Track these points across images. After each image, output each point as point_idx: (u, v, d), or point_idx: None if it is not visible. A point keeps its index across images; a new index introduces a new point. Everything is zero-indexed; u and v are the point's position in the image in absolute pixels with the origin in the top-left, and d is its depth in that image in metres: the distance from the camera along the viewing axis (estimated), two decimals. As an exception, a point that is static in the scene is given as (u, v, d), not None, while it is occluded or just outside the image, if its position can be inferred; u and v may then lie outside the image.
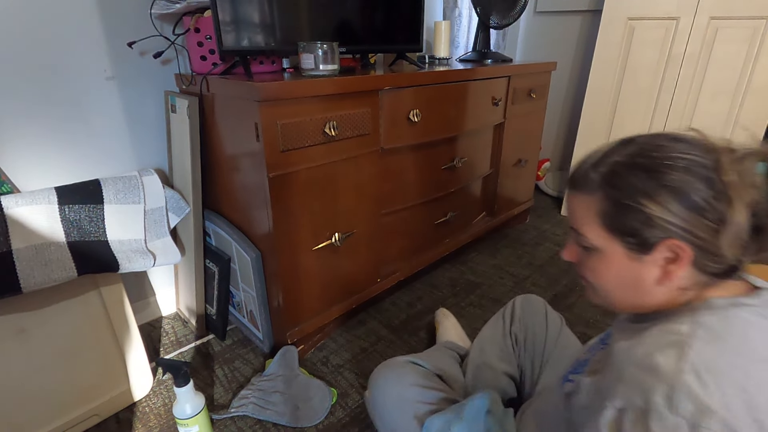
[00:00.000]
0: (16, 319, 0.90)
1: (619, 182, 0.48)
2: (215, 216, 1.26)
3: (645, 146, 0.48)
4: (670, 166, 0.45)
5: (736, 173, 0.43)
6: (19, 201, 0.89)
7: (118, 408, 1.08)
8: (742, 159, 0.44)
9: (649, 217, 0.46)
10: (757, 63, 1.68)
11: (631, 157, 0.48)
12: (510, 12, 1.72)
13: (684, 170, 0.45)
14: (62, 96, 1.09)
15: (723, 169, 0.44)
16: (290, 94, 0.96)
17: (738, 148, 0.46)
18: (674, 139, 0.48)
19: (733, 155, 0.45)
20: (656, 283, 0.49)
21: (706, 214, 0.44)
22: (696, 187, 0.44)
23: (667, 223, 0.46)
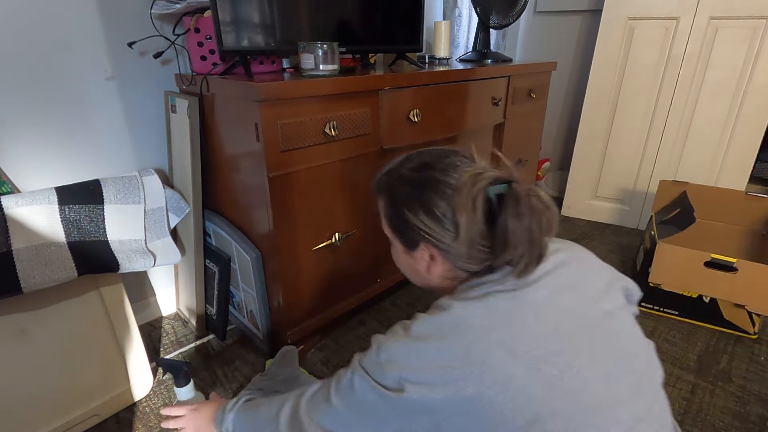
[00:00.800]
0: (16, 319, 0.90)
1: (394, 193, 0.62)
2: (215, 216, 1.26)
3: (416, 165, 0.61)
4: (427, 185, 0.58)
5: (463, 200, 0.54)
6: (19, 201, 0.89)
7: (119, 408, 1.08)
8: (475, 182, 0.54)
9: (409, 223, 0.59)
10: (757, 63, 1.68)
11: (405, 173, 0.61)
12: (510, 12, 1.72)
13: (434, 190, 0.57)
14: (62, 96, 1.09)
15: (458, 191, 0.55)
16: (290, 94, 0.96)
17: (484, 173, 0.56)
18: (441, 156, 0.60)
19: (472, 176, 0.55)
20: (426, 273, 0.63)
21: (444, 224, 0.56)
22: (438, 204, 0.56)
23: (420, 230, 0.58)
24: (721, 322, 1.39)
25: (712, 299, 1.37)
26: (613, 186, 2.12)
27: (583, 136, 2.11)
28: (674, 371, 1.22)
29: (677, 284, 1.40)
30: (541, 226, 0.53)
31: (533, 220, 0.52)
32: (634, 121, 1.97)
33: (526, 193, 0.53)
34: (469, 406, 0.48)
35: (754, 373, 1.22)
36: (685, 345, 1.33)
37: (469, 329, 0.50)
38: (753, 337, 1.36)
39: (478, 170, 0.56)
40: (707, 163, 1.89)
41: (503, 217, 0.52)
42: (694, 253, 1.33)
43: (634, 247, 1.93)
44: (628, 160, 2.04)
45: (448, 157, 0.59)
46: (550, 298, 0.54)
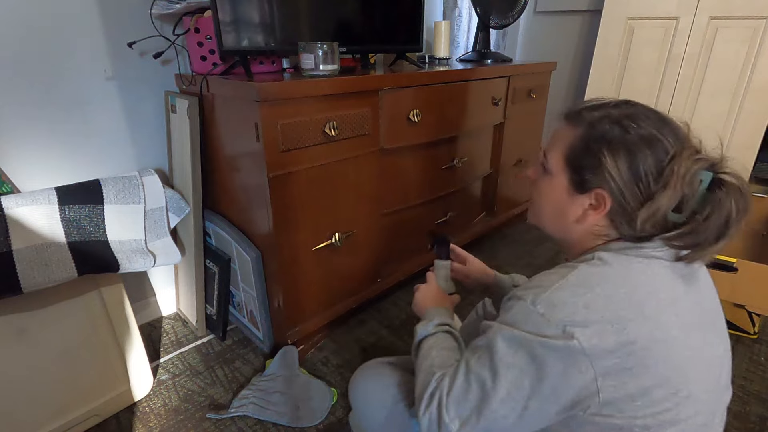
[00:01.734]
0: (16, 319, 0.90)
1: (599, 129, 0.56)
2: (215, 216, 1.26)
3: (637, 114, 0.55)
4: (641, 137, 0.53)
5: (682, 168, 0.50)
6: (20, 201, 0.89)
7: (119, 408, 1.08)
8: (695, 161, 0.51)
9: (600, 165, 0.54)
10: (757, 63, 1.68)
11: (622, 116, 0.55)
12: (510, 12, 1.72)
13: (648, 145, 0.52)
14: (62, 96, 1.09)
15: (675, 160, 0.51)
16: (290, 94, 0.96)
17: (700, 151, 0.53)
18: (663, 121, 0.55)
19: (690, 154, 0.52)
20: (575, 221, 0.59)
21: (641, 184, 0.52)
22: (648, 162, 0.52)
23: (609, 176, 0.54)
24: (721, 322, 1.38)
25: (712, 299, 1.37)
26: (613, 186, 2.12)
27: (583, 136, 2.10)
28: (674, 371, 1.22)
29: (677, 284, 1.40)
30: (741, 223, 0.51)
31: (741, 217, 0.51)
32: (634, 121, 1.97)
33: (745, 186, 0.51)
34: (635, 362, 0.47)
35: (754, 373, 1.22)
36: (685, 345, 1.33)
37: (640, 285, 0.50)
38: (753, 337, 1.36)
39: (695, 146, 0.54)
40: (707, 163, 1.88)
41: (725, 209, 0.50)
42: (694, 253, 1.33)
43: (634, 247, 1.92)
44: (628, 160, 2.04)
45: (668, 124, 0.55)
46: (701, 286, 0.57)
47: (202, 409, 1.09)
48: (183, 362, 1.24)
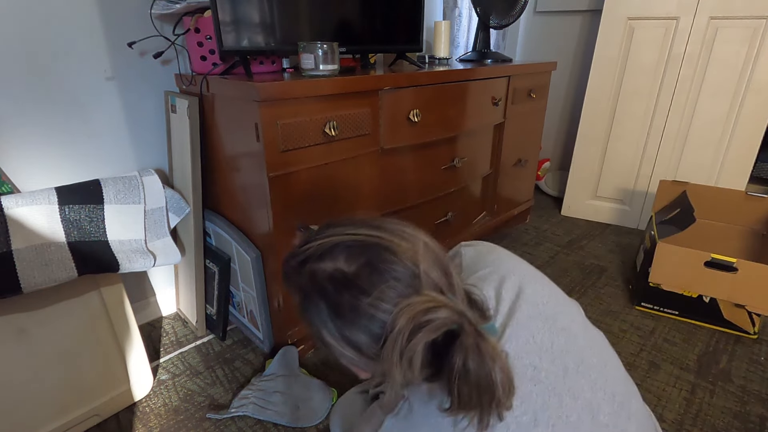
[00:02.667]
0: (16, 319, 0.90)
1: (308, 301, 0.48)
2: (215, 216, 1.26)
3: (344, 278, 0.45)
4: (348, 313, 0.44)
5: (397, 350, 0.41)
6: (19, 201, 0.89)
7: (119, 408, 1.08)
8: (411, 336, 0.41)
9: (328, 343, 0.48)
10: (757, 63, 1.68)
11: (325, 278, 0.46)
12: (510, 12, 1.72)
13: (356, 325, 0.44)
14: (62, 96, 1.09)
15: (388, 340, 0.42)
16: (290, 94, 0.96)
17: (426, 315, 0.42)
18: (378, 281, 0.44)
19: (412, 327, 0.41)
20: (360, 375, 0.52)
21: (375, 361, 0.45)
22: (364, 342, 0.45)
23: (342, 354, 0.47)
24: (721, 322, 1.39)
25: (712, 299, 1.37)
26: (613, 186, 2.12)
27: (583, 136, 2.11)
28: (674, 371, 1.22)
29: (677, 284, 1.40)
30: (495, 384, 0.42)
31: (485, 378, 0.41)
32: (634, 121, 1.97)
33: (476, 343, 0.41)
34: None
35: (754, 373, 1.22)
36: (685, 345, 1.33)
37: None
38: (753, 337, 1.36)
39: (420, 306, 0.42)
40: (707, 163, 1.89)
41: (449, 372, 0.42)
42: (694, 253, 1.33)
43: (634, 247, 1.93)
44: (628, 160, 2.04)
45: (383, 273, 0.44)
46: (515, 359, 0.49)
47: (202, 409, 1.09)
48: (183, 362, 1.24)
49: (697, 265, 1.34)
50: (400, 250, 0.46)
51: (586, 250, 1.91)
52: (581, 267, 1.77)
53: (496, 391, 0.42)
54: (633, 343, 1.33)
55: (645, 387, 1.17)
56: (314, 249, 0.48)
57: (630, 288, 1.62)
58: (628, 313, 1.48)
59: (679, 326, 1.41)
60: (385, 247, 0.46)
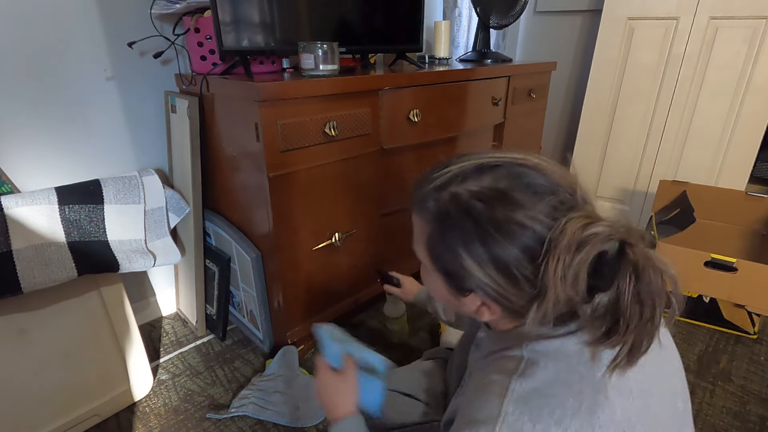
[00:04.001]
0: (16, 319, 0.90)
1: (449, 224, 0.44)
2: (215, 216, 1.26)
3: (497, 188, 0.43)
4: (502, 227, 0.41)
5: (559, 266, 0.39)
6: (19, 201, 0.89)
7: (119, 408, 1.08)
8: (580, 247, 0.39)
9: (466, 270, 0.44)
10: (757, 63, 1.68)
11: (475, 196, 0.43)
12: (510, 12, 1.72)
13: (512, 240, 0.41)
14: (62, 96, 1.09)
15: (553, 252, 0.39)
16: (290, 94, 0.96)
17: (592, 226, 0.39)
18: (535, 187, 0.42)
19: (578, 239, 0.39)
20: (475, 314, 0.49)
21: (521, 285, 0.42)
22: (519, 261, 0.41)
23: (481, 281, 0.44)
24: (721, 322, 1.38)
25: (712, 299, 1.37)
26: (613, 186, 2.12)
27: (583, 136, 2.11)
28: (674, 371, 1.22)
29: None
30: (660, 310, 0.40)
31: (654, 300, 0.39)
32: (634, 121, 1.97)
33: (645, 260, 0.39)
34: None
35: (754, 373, 1.22)
36: (685, 345, 1.33)
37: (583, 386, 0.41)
38: (753, 337, 1.36)
39: (582, 220, 0.40)
40: (707, 163, 1.88)
41: (615, 292, 0.39)
42: (694, 253, 1.33)
43: (634, 247, 1.92)
44: (628, 160, 2.04)
45: (534, 187, 0.42)
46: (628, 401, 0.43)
47: (202, 409, 1.09)
48: (183, 362, 1.24)
49: (697, 265, 1.34)
50: (549, 170, 0.44)
51: (586, 250, 1.91)
52: (581, 267, 1.76)
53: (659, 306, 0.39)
54: (633, 343, 1.33)
55: (645, 387, 1.17)
56: (455, 172, 0.45)
57: (630, 288, 1.62)
58: (628, 313, 1.48)
59: (679, 326, 1.41)
60: (533, 166, 0.43)
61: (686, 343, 1.33)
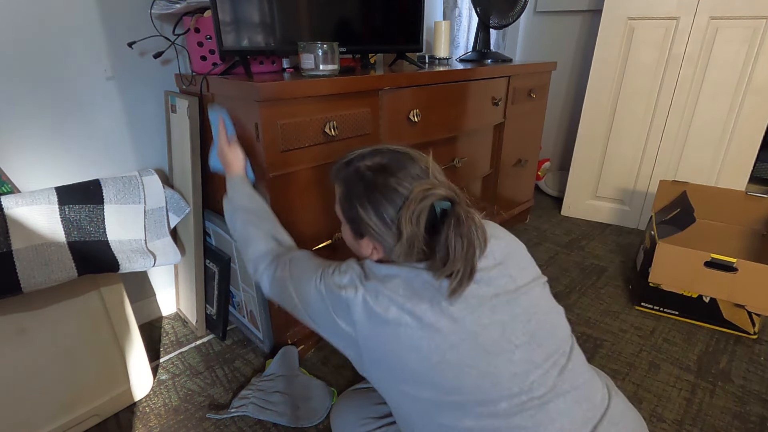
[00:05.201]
0: (16, 319, 0.90)
1: (351, 187, 0.67)
2: (215, 216, 1.26)
3: (381, 165, 0.65)
4: (381, 190, 0.63)
5: (410, 213, 0.59)
6: (19, 201, 0.89)
7: (119, 408, 1.08)
8: (421, 202, 0.59)
9: (359, 217, 0.66)
10: (757, 63, 1.68)
11: (366, 173, 0.65)
12: (510, 12, 1.72)
13: (386, 197, 0.63)
14: (62, 96, 1.09)
15: (407, 204, 0.60)
16: (290, 94, 0.96)
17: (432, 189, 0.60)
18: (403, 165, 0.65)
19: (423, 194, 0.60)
20: (369, 256, 0.70)
21: (390, 228, 0.63)
22: (388, 210, 0.63)
23: (368, 226, 0.65)
24: (721, 322, 1.39)
25: (712, 299, 1.37)
26: (613, 186, 2.12)
27: (583, 136, 2.11)
28: (674, 371, 1.22)
29: (677, 284, 1.40)
30: (477, 245, 0.59)
31: (471, 239, 0.58)
32: (634, 121, 1.97)
33: (466, 215, 0.59)
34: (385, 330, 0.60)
35: (754, 373, 1.22)
36: (685, 345, 1.33)
37: None
38: (753, 337, 1.36)
39: (427, 185, 0.61)
40: (707, 163, 1.89)
41: (445, 233, 0.58)
42: (694, 253, 1.33)
43: (634, 247, 1.93)
44: (628, 160, 2.04)
45: (405, 166, 0.65)
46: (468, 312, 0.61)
47: (202, 409, 1.09)
48: (183, 362, 1.24)
49: (697, 265, 1.34)
50: (417, 157, 0.68)
51: (586, 250, 1.91)
52: (581, 267, 1.77)
53: (477, 246, 0.60)
54: (633, 343, 1.33)
55: (645, 387, 1.17)
56: (359, 153, 0.69)
57: (630, 288, 1.62)
58: (628, 313, 1.48)
59: (679, 326, 1.41)
60: (407, 154, 0.68)
61: (686, 343, 1.33)
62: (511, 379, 0.59)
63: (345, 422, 0.88)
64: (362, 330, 0.62)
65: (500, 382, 0.58)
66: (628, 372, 1.22)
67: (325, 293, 0.66)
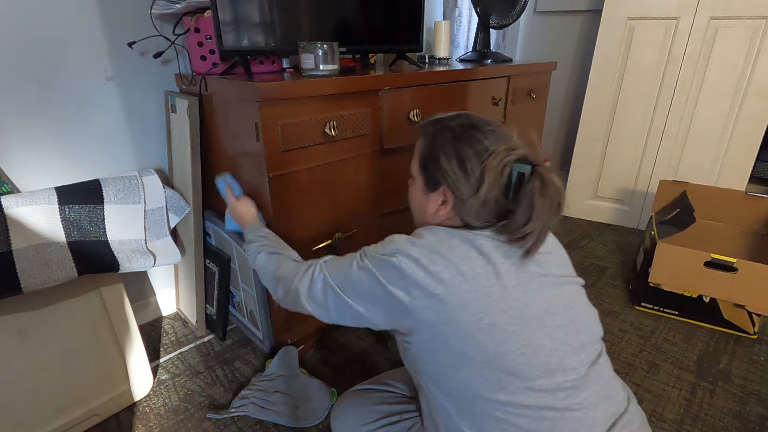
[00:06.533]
0: (16, 319, 0.90)
1: (437, 139, 0.71)
2: (215, 216, 1.26)
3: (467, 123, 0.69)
4: (467, 143, 0.67)
5: (494, 161, 0.63)
6: (19, 201, 0.89)
7: (118, 408, 1.08)
8: (506, 155, 0.64)
9: (440, 166, 0.69)
10: (757, 63, 1.68)
11: (454, 127, 0.70)
12: (510, 12, 1.72)
13: (472, 149, 0.66)
14: (62, 96, 1.09)
15: (490, 157, 0.64)
16: (290, 94, 0.96)
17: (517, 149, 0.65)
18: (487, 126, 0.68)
19: (505, 150, 0.64)
20: (432, 215, 0.72)
21: (470, 178, 0.66)
22: (472, 159, 0.66)
23: (447, 175, 0.68)
24: (721, 322, 1.39)
25: (712, 299, 1.37)
26: (613, 186, 2.12)
27: (583, 136, 2.11)
28: (674, 371, 1.22)
29: (677, 284, 1.40)
30: (556, 208, 0.62)
31: (553, 201, 0.61)
32: (634, 121, 1.97)
33: (550, 178, 0.62)
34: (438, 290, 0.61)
35: (754, 373, 1.22)
36: (685, 345, 1.33)
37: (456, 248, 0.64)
38: (753, 337, 1.36)
39: (512, 145, 0.66)
40: (707, 163, 1.89)
41: (529, 194, 0.61)
42: (694, 253, 1.33)
43: (634, 247, 1.93)
44: (628, 160, 2.04)
45: (491, 127, 0.68)
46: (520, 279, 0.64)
47: (202, 409, 1.09)
48: (183, 362, 1.24)
49: (697, 265, 1.34)
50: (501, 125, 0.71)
51: (586, 250, 1.91)
52: (581, 267, 1.77)
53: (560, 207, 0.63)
54: (633, 343, 1.33)
55: (645, 387, 1.17)
56: (447, 116, 0.73)
57: (630, 288, 1.62)
58: (628, 313, 1.48)
59: (679, 326, 1.41)
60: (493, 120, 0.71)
61: (686, 343, 1.33)
62: (551, 354, 0.60)
63: (345, 422, 0.88)
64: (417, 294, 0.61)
65: (540, 354, 0.60)
66: (628, 372, 1.22)
67: (373, 265, 0.65)
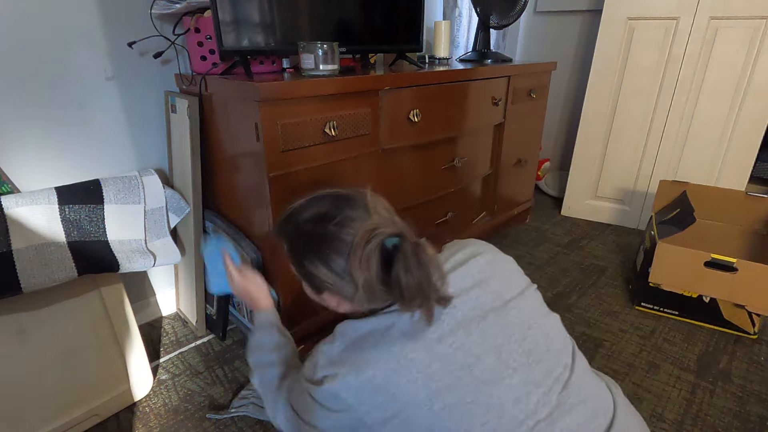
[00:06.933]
0: (16, 319, 0.90)
1: (295, 245, 0.65)
2: (215, 216, 1.26)
3: (320, 215, 0.62)
4: (325, 244, 0.60)
5: (358, 261, 0.57)
6: (19, 201, 0.89)
7: (118, 408, 1.08)
8: (368, 243, 0.57)
9: (312, 273, 0.63)
10: (757, 63, 1.68)
11: (306, 223, 0.62)
12: (510, 12, 1.72)
13: (331, 248, 0.59)
14: (62, 96, 1.09)
15: (353, 251, 0.57)
16: (290, 94, 0.96)
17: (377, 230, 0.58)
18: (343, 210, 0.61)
19: (367, 237, 0.57)
20: (336, 309, 0.68)
21: (344, 278, 0.60)
22: (337, 261, 0.59)
23: (322, 281, 0.62)
24: (721, 322, 1.39)
25: (712, 299, 1.37)
26: (613, 186, 2.12)
27: (583, 136, 2.11)
28: (674, 371, 1.22)
29: (677, 284, 1.40)
30: (430, 278, 0.57)
31: (422, 273, 0.56)
32: (634, 121, 1.97)
33: (414, 249, 0.56)
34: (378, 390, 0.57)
35: (754, 373, 1.22)
36: (685, 345, 1.33)
37: None
38: (753, 337, 1.36)
39: (370, 226, 0.59)
40: (707, 163, 1.89)
41: (395, 272, 0.56)
42: (694, 253, 1.33)
43: (634, 247, 1.93)
44: (628, 160, 2.04)
45: (344, 211, 0.61)
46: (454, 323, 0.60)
47: (202, 409, 1.09)
48: (183, 362, 1.24)
49: (697, 265, 1.34)
50: (354, 195, 0.63)
51: (586, 250, 1.91)
52: (581, 267, 1.77)
53: (433, 283, 0.57)
54: (633, 343, 1.33)
55: (645, 387, 1.17)
56: (296, 206, 0.65)
57: (630, 288, 1.62)
58: (628, 313, 1.48)
59: (679, 326, 1.41)
60: (345, 196, 0.63)
61: (686, 343, 1.33)
62: (515, 405, 0.57)
63: None
64: (360, 407, 0.58)
65: (506, 413, 0.56)
66: (628, 372, 1.22)
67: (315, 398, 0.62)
